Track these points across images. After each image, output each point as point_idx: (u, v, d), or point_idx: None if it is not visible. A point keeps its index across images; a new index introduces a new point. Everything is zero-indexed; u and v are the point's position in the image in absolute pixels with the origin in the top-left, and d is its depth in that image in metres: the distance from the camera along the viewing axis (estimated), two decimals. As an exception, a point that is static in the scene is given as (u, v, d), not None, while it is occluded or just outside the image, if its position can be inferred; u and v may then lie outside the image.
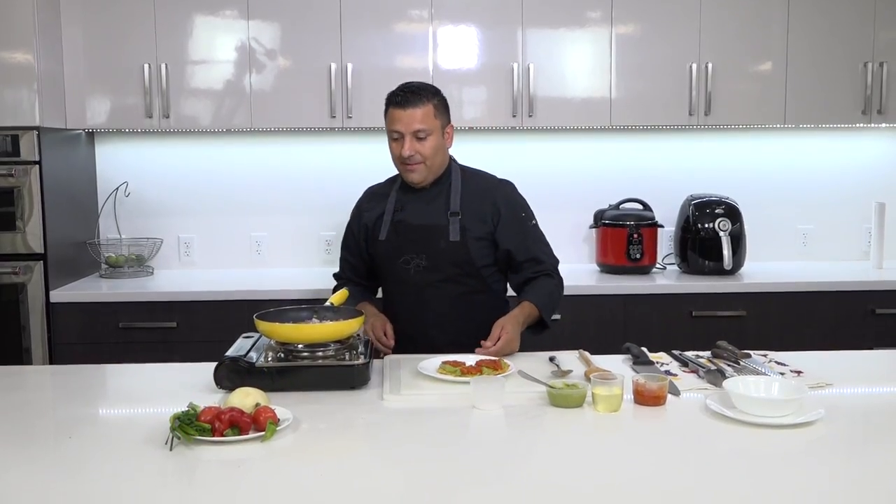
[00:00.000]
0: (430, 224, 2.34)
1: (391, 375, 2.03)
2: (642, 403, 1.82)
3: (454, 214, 2.33)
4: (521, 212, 2.41)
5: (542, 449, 1.61)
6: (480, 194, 2.37)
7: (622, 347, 2.26)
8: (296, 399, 1.84)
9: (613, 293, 3.21)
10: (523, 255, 2.37)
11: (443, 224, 2.33)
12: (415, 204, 2.38)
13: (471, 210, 2.34)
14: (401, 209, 2.38)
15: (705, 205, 3.47)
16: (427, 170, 2.33)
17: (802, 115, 3.42)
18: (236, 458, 1.54)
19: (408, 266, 2.32)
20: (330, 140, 3.65)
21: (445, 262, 2.32)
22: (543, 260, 2.39)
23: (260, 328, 2.02)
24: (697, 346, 2.31)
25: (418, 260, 2.32)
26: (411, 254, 2.33)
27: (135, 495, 1.38)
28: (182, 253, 3.68)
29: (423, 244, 2.33)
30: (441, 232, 2.32)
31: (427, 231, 2.33)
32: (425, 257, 2.32)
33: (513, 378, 1.97)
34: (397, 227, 2.37)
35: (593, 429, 1.72)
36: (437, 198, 2.37)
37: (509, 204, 2.39)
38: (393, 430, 1.71)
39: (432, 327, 2.34)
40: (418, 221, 2.35)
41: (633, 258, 3.44)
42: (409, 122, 2.28)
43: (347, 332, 2.02)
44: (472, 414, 1.78)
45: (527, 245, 2.38)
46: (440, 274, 2.33)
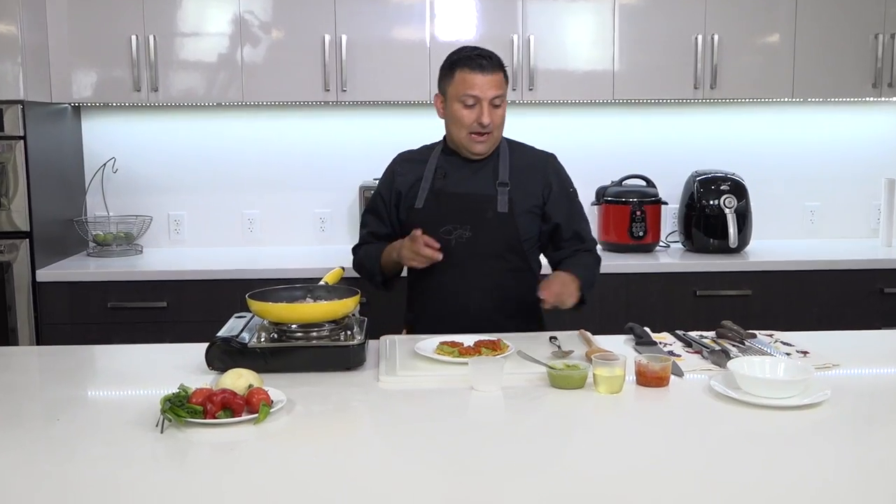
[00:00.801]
0: (476, 193, 2.29)
1: (387, 356, 2.03)
2: (645, 385, 1.82)
3: (503, 185, 2.29)
4: (570, 186, 2.40)
5: (542, 431, 1.62)
6: (529, 166, 2.35)
7: (625, 327, 2.26)
8: (289, 380, 1.84)
9: (616, 272, 3.21)
10: (569, 232, 2.35)
11: (490, 194, 2.29)
12: (460, 172, 2.33)
13: (519, 182, 2.32)
14: (443, 176, 2.33)
15: (710, 181, 3.46)
16: (494, 141, 2.30)
17: (810, 88, 3.40)
18: (228, 440, 1.54)
19: (449, 237, 2.27)
20: (324, 114, 3.63)
21: (491, 234, 2.28)
22: (585, 238, 2.38)
23: (252, 308, 2.01)
24: (701, 326, 2.31)
25: (461, 231, 2.28)
26: (454, 224, 2.28)
27: (125, 479, 1.38)
28: (172, 231, 3.67)
29: (468, 214, 2.28)
30: (489, 202, 2.28)
31: (473, 200, 2.29)
32: (469, 228, 2.27)
33: (512, 359, 1.97)
34: (438, 195, 2.31)
35: (594, 411, 1.72)
36: (484, 167, 2.33)
37: (560, 178, 2.38)
38: (389, 412, 1.71)
39: (472, 302, 2.29)
40: (463, 190, 2.30)
41: (635, 236, 3.44)
42: (488, 88, 2.24)
43: (342, 312, 2.02)
44: (471, 395, 1.79)
45: (573, 221, 2.36)
46: (484, 247, 2.28)
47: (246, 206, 3.69)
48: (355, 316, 2.11)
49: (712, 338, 2.18)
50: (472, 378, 1.82)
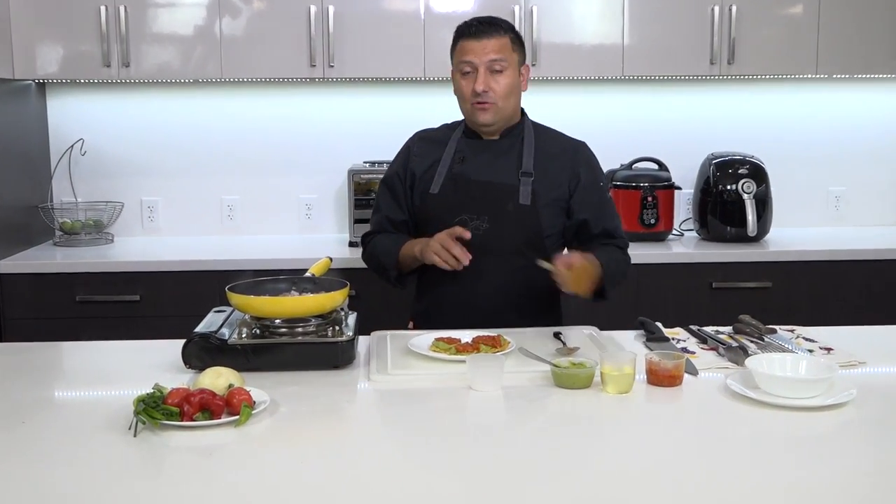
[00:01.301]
0: (497, 182, 2.28)
1: (379, 353, 2.03)
2: (656, 384, 1.83)
3: (526, 175, 2.28)
4: (601, 180, 2.38)
5: (546, 434, 1.62)
6: (556, 155, 2.33)
7: (635, 322, 2.27)
8: (273, 380, 1.85)
9: (625, 263, 3.22)
10: (598, 228, 2.32)
11: (512, 184, 2.28)
12: (480, 157, 2.33)
13: (544, 172, 2.30)
14: (461, 161, 2.32)
15: (727, 164, 3.46)
16: (499, 112, 2.28)
17: (836, 63, 3.40)
18: (207, 444, 1.54)
19: (465, 227, 2.24)
20: (310, 92, 3.62)
21: (511, 227, 2.27)
22: (617, 235, 2.35)
23: (233, 301, 2.01)
24: (718, 321, 2.32)
25: (479, 222, 2.26)
26: (471, 213, 2.27)
27: (95, 485, 1.38)
28: (145, 218, 3.67)
29: (486, 204, 2.27)
30: (510, 192, 2.27)
31: (494, 189, 2.28)
32: (487, 219, 2.26)
33: (513, 356, 1.97)
34: (456, 180, 2.30)
35: (602, 412, 1.73)
36: (507, 153, 2.33)
37: (590, 169, 2.35)
38: (381, 413, 1.71)
39: (485, 300, 2.28)
40: (484, 177, 2.29)
41: (646, 224, 3.44)
42: (482, 53, 2.24)
43: (330, 306, 2.02)
44: (469, 396, 1.79)
45: (603, 217, 2.32)
46: (503, 241, 2.27)
47: (225, 192, 3.68)
48: (344, 310, 2.11)
49: (729, 333, 2.18)
50: (471, 377, 1.82)
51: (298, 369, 1.92)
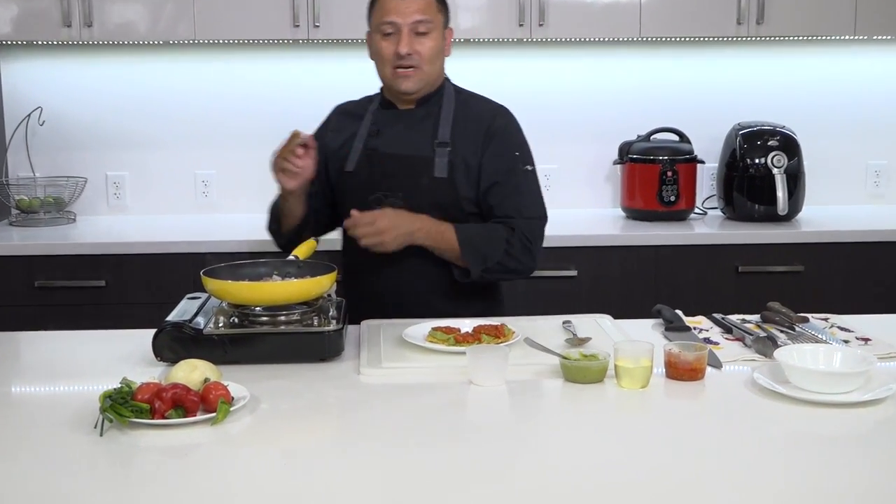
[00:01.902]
0: (410, 154, 2.31)
1: (370, 344, 2.03)
2: (676, 378, 1.83)
3: (442, 145, 2.30)
4: (515, 149, 2.37)
5: (553, 434, 1.62)
6: (475, 121, 2.34)
7: (652, 310, 2.27)
8: (253, 373, 1.85)
9: (642, 244, 3.22)
10: (499, 203, 2.30)
11: (427, 156, 2.30)
12: (395, 128, 2.35)
13: (462, 141, 2.32)
14: (376, 134, 2.36)
15: (756, 135, 3.45)
16: (424, 77, 2.29)
17: (876, 24, 3.39)
18: (181, 444, 1.54)
19: (379, 206, 2.28)
20: (293, 55, 3.61)
21: (427, 202, 2.28)
22: (523, 216, 2.32)
23: (208, 287, 2.01)
24: (744, 309, 2.32)
25: (393, 199, 2.29)
26: (386, 190, 2.30)
27: (57, 491, 1.38)
28: (111, 195, 3.66)
29: (400, 179, 2.30)
30: (424, 165, 2.30)
31: (407, 163, 2.31)
32: (402, 196, 2.29)
33: (518, 347, 1.98)
34: (371, 156, 2.34)
35: (616, 409, 1.73)
36: (423, 122, 2.34)
37: (504, 136, 2.35)
38: (372, 411, 1.71)
39: (406, 284, 2.31)
40: (396, 150, 2.32)
41: (666, 201, 3.44)
42: (406, 13, 2.25)
43: (316, 292, 2.01)
44: (469, 391, 1.79)
45: (509, 191, 2.31)
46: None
47: (200, 166, 3.67)
48: (331, 297, 2.11)
49: (756, 322, 2.19)
50: (471, 370, 1.82)
51: (281, 362, 1.92)
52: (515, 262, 2.30)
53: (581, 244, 3.21)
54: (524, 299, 3.14)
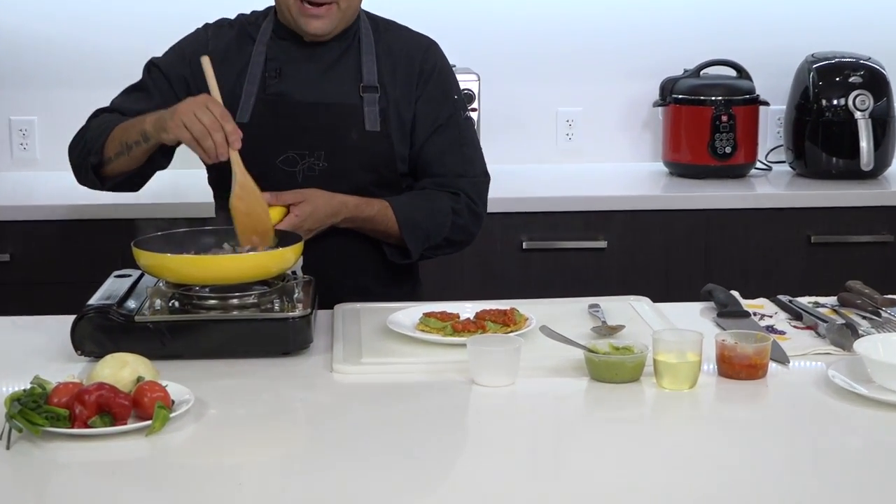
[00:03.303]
0: (333, 103, 2.30)
1: (347, 335, 2.03)
2: (731, 376, 1.83)
3: (370, 90, 2.30)
4: (454, 93, 2.38)
5: (576, 448, 1.62)
6: (403, 59, 2.33)
7: (702, 291, 2.27)
8: (199, 370, 1.85)
9: (689, 208, 3.22)
10: (441, 165, 2.31)
11: (353, 104, 2.30)
12: (304, 68, 2.31)
13: (392, 84, 2.31)
14: (276, 75, 2.31)
15: (834, 70, 3.45)
16: (340, 15, 2.26)
17: None
18: (108, 460, 1.54)
19: (293, 169, 2.28)
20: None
21: (356, 164, 2.28)
22: (467, 174, 2.34)
23: (141, 262, 2.01)
24: (818, 290, 2.32)
25: (312, 160, 2.28)
26: (300, 149, 2.29)
27: (-47, 517, 1.39)
28: (16, 146, 3.64)
29: (321, 135, 2.29)
30: (352, 116, 2.29)
31: (329, 114, 2.29)
32: (324, 156, 2.29)
33: (532, 337, 1.97)
34: (274, 103, 2.30)
35: (655, 416, 1.73)
36: (341, 61, 2.32)
37: (440, 78, 2.35)
38: (349, 419, 1.71)
39: (334, 266, 2.29)
40: (313, 97, 2.30)
41: (719, 153, 3.43)
42: None
43: (278, 268, 2.01)
44: (471, 394, 1.79)
45: (445, 145, 2.33)
46: (347, 183, 2.27)
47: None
48: (297, 274, 2.11)
49: (833, 306, 2.18)
50: (474, 367, 1.82)
51: (234, 356, 1.92)
52: (463, 234, 2.34)
53: (612, 208, 3.21)
54: (539, 276, 3.15)
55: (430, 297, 2.37)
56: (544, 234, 3.17)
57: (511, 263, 3.17)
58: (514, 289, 3.04)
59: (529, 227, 3.17)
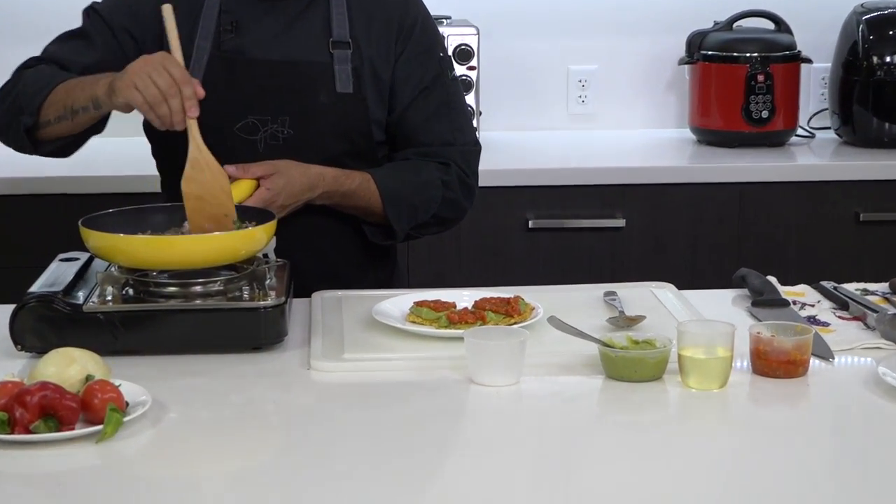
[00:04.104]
0: (299, 61, 2.31)
1: (326, 327, 2.03)
2: (767, 374, 1.83)
3: (341, 46, 2.30)
4: (440, 50, 2.39)
5: (589, 456, 1.63)
6: (379, 11, 2.33)
7: (734, 276, 2.27)
8: (157, 368, 1.85)
9: (720, 181, 3.23)
10: (419, 122, 2.32)
11: (322, 61, 2.30)
12: (263, 22, 2.31)
13: (366, 40, 2.31)
14: (233, 29, 2.31)
15: (887, 22, 3.45)
16: None
17: None
18: (54, 470, 1.54)
19: (253, 138, 2.28)
20: None
21: (326, 130, 2.29)
22: (456, 142, 2.35)
23: (90, 243, 2.00)
24: (866, 275, 2.33)
25: (275, 127, 2.28)
26: (262, 114, 2.29)
27: None
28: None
29: (286, 98, 2.29)
30: (320, 76, 2.30)
31: (293, 74, 2.29)
32: (289, 122, 2.29)
33: (539, 329, 1.98)
34: (231, 62, 2.31)
35: (680, 419, 1.74)
36: (307, 14, 2.32)
37: (423, 31, 2.36)
38: (329, 423, 1.71)
39: (303, 250, 2.28)
40: (276, 55, 2.30)
41: (755, 118, 3.43)
42: None
43: (247, 250, 2.01)
44: (469, 395, 1.79)
45: (431, 110, 2.34)
46: (316, 152, 2.28)
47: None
48: (269, 258, 2.11)
49: (884, 294, 2.19)
50: (472, 364, 1.82)
51: (197, 352, 1.92)
52: (454, 210, 2.35)
53: (631, 181, 3.21)
54: (548, 259, 3.15)
55: (421, 283, 2.38)
56: (553, 212, 3.17)
57: (515, 245, 3.17)
58: (518, 274, 3.04)
59: (536, 203, 3.17)
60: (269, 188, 2.15)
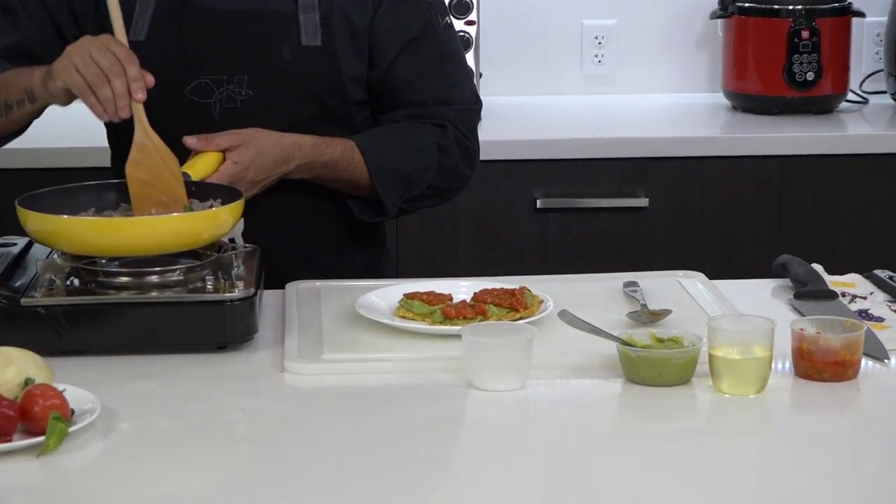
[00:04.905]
0: (258, 11, 2.31)
1: (302, 323, 2.04)
2: (812, 377, 1.83)
3: None
4: None
5: (609, 472, 1.63)
6: None
7: (774, 264, 2.28)
8: (107, 371, 1.86)
9: (758, 154, 3.24)
10: (407, 78, 2.34)
11: (284, 11, 2.31)
12: None
13: None
14: None
15: (950, -30, 3.46)
16: None
17: None
18: (-13, 489, 1.55)
19: (206, 101, 2.29)
20: None
21: (291, 91, 2.31)
22: (442, 100, 2.36)
23: (29, 226, 2.01)
24: (927, 263, 2.34)
25: (232, 88, 2.30)
26: (216, 73, 2.30)
27: None
28: None
29: (242, 54, 2.31)
30: (282, 27, 2.31)
31: (250, 26, 2.31)
32: (247, 81, 2.30)
33: (549, 326, 1.98)
34: (178, 14, 2.32)
35: (712, 429, 1.75)
36: None
37: None
38: (305, 434, 1.72)
39: (270, 234, 2.28)
40: (230, 5, 2.32)
41: (798, 81, 3.44)
42: None
43: (211, 233, 2.02)
44: (468, 402, 1.80)
45: (422, 64, 2.35)
46: (279, 115, 2.30)
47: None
48: (237, 243, 2.12)
49: (947, 285, 2.20)
50: (471, 366, 1.82)
51: (153, 352, 1.93)
52: (453, 178, 2.37)
53: (655, 154, 3.23)
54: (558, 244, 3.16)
55: (412, 271, 2.38)
56: (565, 189, 3.18)
57: (521, 227, 3.18)
58: (524, 261, 3.05)
59: (545, 179, 3.18)
60: (235, 161, 2.15)
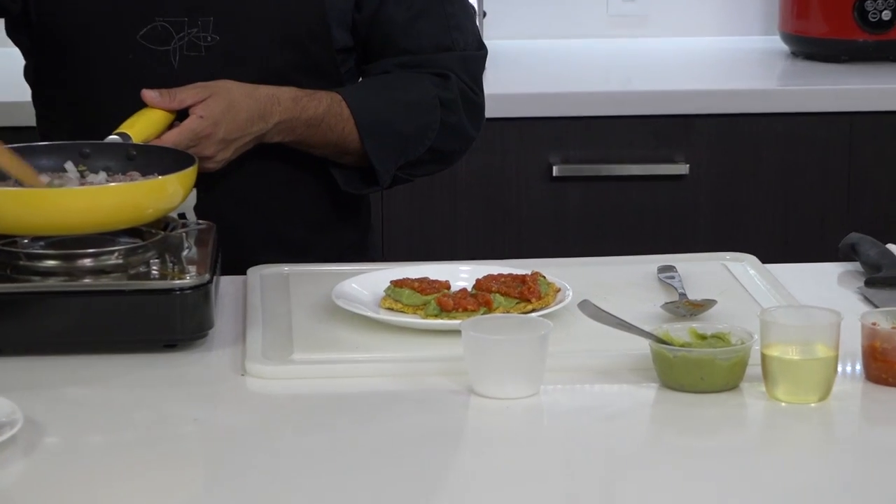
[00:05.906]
0: None
1: (267, 315, 2.05)
2: (886, 381, 1.84)
3: None
4: None
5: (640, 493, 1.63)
6: None
7: (840, 245, 2.28)
8: (31, 375, 1.87)
9: (822, 110, 3.25)
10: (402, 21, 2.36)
11: None
12: None
13: None
14: None
15: None
16: None
17: None
18: None
19: (164, 48, 2.31)
20: None
21: (265, 36, 2.34)
22: (444, 45, 2.39)
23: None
24: None
25: (195, 32, 2.32)
26: (175, 15, 2.32)
27: None
28: None
29: None
30: None
31: None
32: (212, 25, 2.32)
33: (568, 319, 1.99)
34: None
35: (766, 443, 1.75)
36: None
37: None
38: (272, 449, 1.72)
39: (228, 207, 2.33)
40: None
41: (870, 23, 3.44)
42: None
43: (157, 207, 2.03)
44: (469, 410, 1.81)
45: (419, 2, 2.37)
46: (253, 68, 2.34)
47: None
48: (188, 219, 2.12)
49: None
50: (473, 368, 1.83)
51: (88, 351, 1.93)
52: (456, 139, 2.39)
53: (698, 111, 3.23)
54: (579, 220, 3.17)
55: (397, 252, 2.38)
56: (587, 154, 3.19)
57: (533, 200, 3.18)
58: (537, 241, 3.05)
59: (564, 141, 3.19)
60: (201, 115, 2.16)
